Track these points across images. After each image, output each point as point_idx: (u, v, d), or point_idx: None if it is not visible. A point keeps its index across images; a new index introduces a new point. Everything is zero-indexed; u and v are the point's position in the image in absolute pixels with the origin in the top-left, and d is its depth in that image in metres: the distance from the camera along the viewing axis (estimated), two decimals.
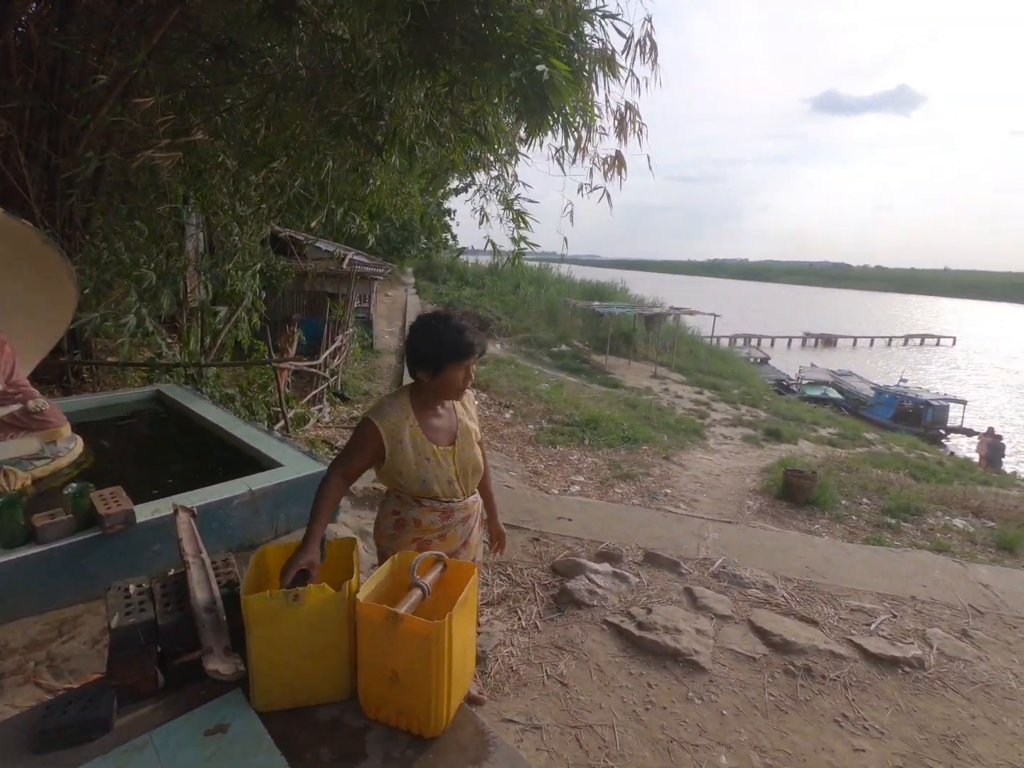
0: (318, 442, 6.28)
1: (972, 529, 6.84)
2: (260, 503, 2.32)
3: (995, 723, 2.18)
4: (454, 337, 1.67)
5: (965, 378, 29.87)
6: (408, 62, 2.60)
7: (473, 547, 1.91)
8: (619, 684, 2.28)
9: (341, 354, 9.89)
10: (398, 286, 27.61)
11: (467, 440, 1.80)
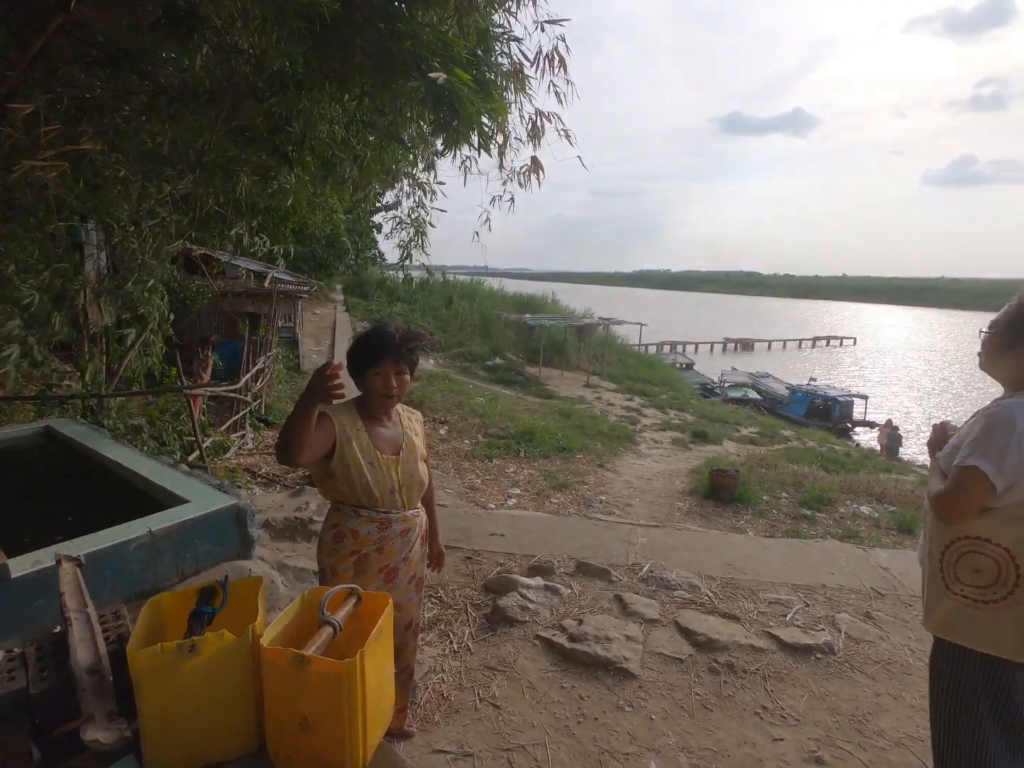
0: (239, 471, 5.94)
1: (877, 515, 7.41)
2: (162, 544, 2.15)
3: (896, 698, 2.35)
4: (371, 344, 1.76)
5: (866, 375, 32.58)
6: (315, 74, 2.55)
7: (415, 564, 1.88)
8: (551, 700, 2.27)
9: (264, 376, 9.45)
10: (327, 304, 26.82)
11: (412, 454, 1.84)
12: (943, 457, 1.62)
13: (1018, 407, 1.45)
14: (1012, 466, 1.41)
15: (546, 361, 17.68)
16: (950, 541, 1.55)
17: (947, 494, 1.49)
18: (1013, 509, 1.45)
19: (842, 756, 2.05)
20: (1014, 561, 1.46)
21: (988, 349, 1.58)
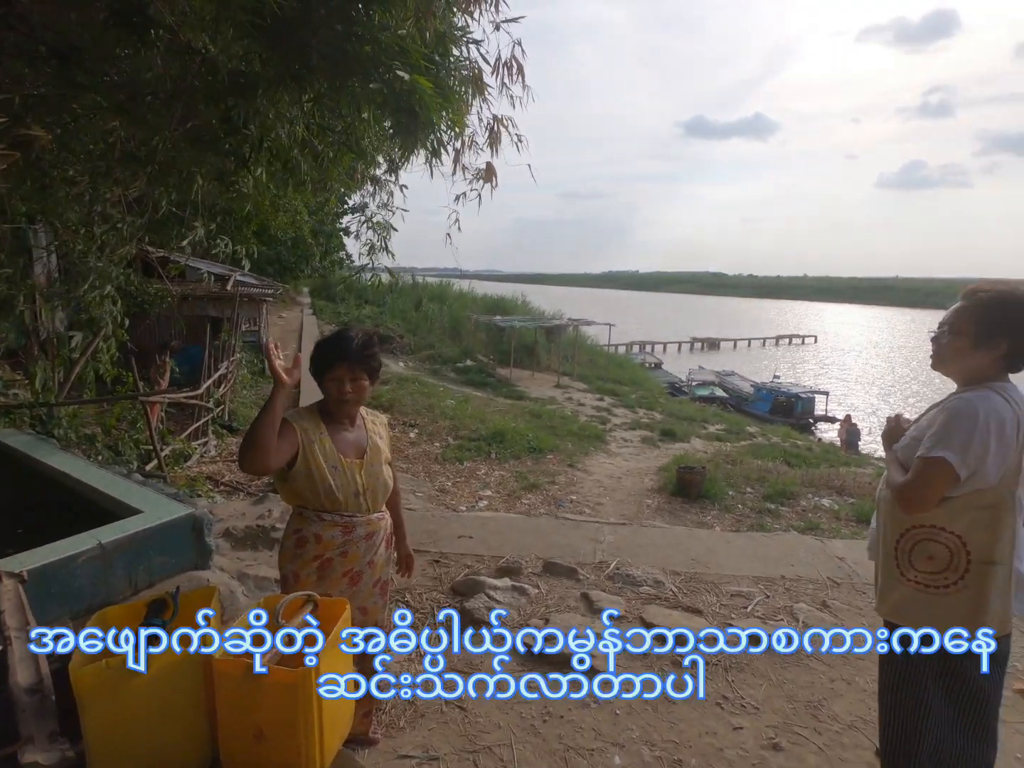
0: (201, 479, 5.79)
1: (837, 507, 7.67)
2: (114, 557, 2.08)
3: (849, 683, 2.44)
4: (327, 348, 1.76)
5: (827, 372, 33.64)
6: (272, 75, 2.50)
7: (380, 567, 1.88)
8: (518, 700, 2.29)
9: (227, 382, 9.22)
10: (293, 307, 26.32)
11: (376, 457, 1.84)
12: (901, 449, 1.67)
13: (979, 399, 1.50)
14: (974, 456, 1.46)
15: (517, 362, 17.72)
16: (905, 530, 1.61)
17: (912, 485, 1.53)
18: (968, 498, 1.51)
19: (798, 741, 2.12)
20: (965, 547, 1.53)
21: (951, 350, 1.60)
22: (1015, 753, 2.08)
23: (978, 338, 1.55)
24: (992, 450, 1.46)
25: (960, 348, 1.58)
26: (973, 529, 1.52)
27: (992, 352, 1.54)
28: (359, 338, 1.78)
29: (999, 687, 1.62)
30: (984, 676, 1.57)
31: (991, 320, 1.53)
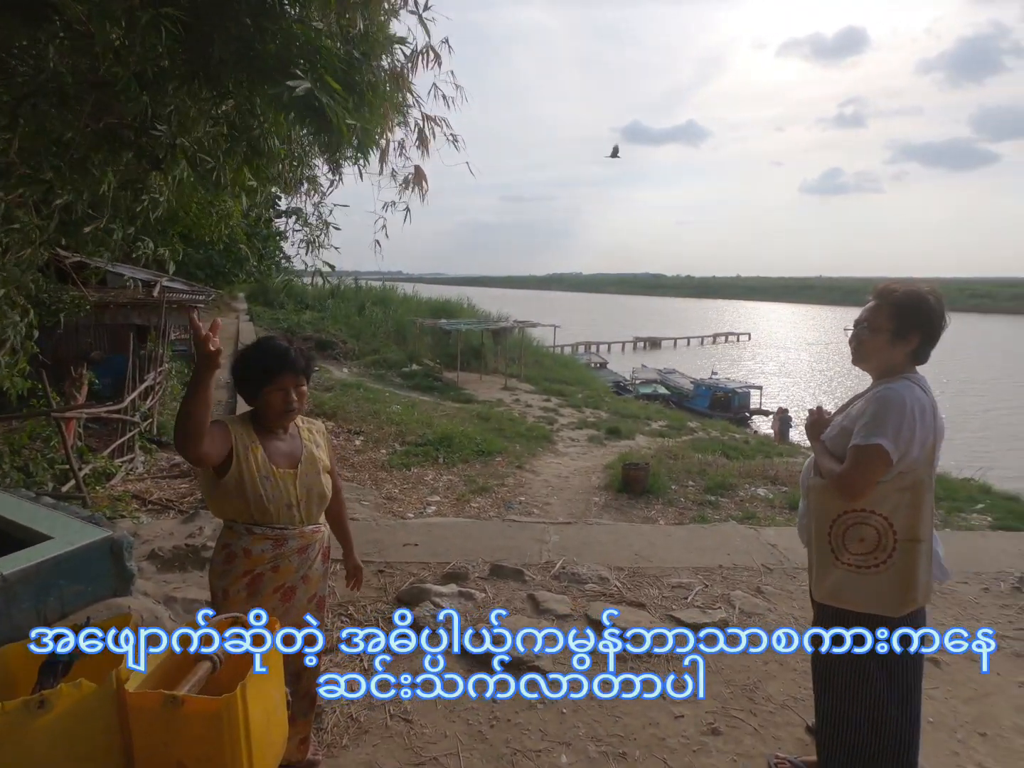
0: (126, 499, 5.44)
1: (771, 496, 8.06)
2: (18, 589, 1.90)
3: (782, 664, 2.56)
4: (265, 359, 1.69)
5: (760, 367, 35.36)
6: (183, 72, 2.37)
7: (315, 582, 1.80)
8: (465, 706, 2.26)
9: (155, 394, 8.71)
10: (228, 313, 25.15)
11: (312, 467, 1.78)
12: (830, 439, 1.76)
13: (903, 388, 1.62)
14: (904, 441, 1.57)
15: (463, 365, 17.65)
16: (837, 515, 1.70)
17: (851, 472, 1.62)
18: (894, 480, 1.62)
19: (736, 724, 2.20)
20: (892, 528, 1.63)
21: (869, 346, 1.71)
22: (928, 718, 2.23)
23: (895, 333, 1.66)
24: (917, 434, 1.58)
25: (880, 343, 1.69)
26: (898, 510, 1.63)
27: (907, 346, 1.67)
28: (296, 344, 1.76)
29: (919, 665, 1.73)
30: (912, 654, 1.68)
31: (906, 316, 1.65)
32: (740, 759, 2.04)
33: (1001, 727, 2.20)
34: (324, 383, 13.36)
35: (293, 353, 1.71)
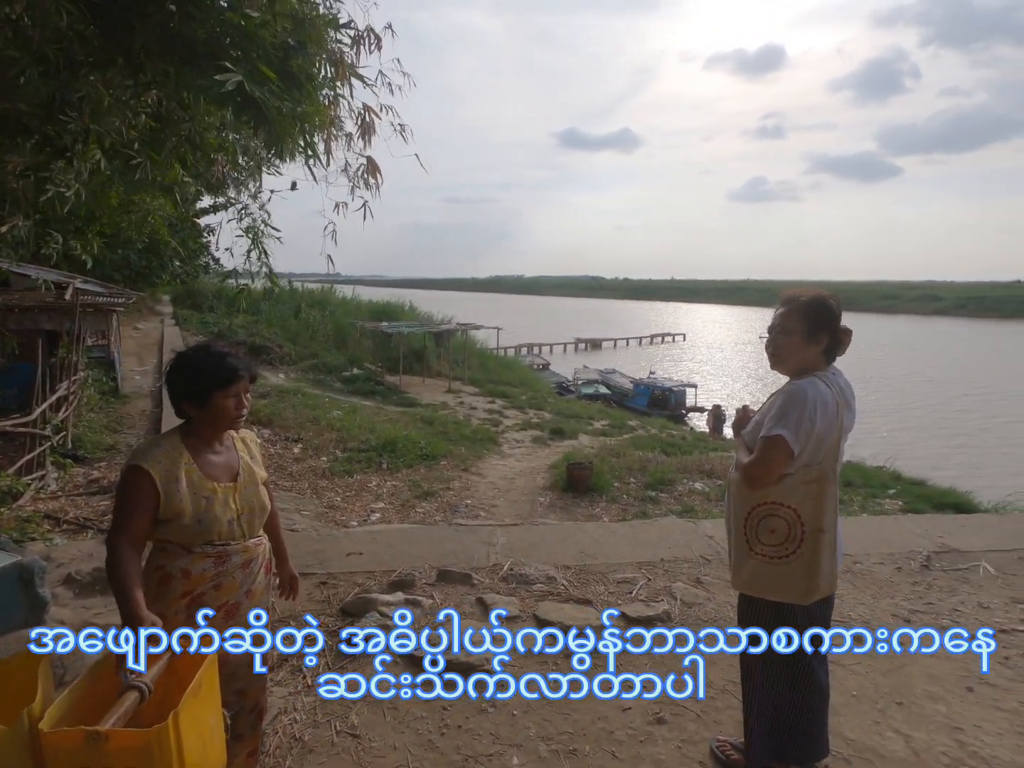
0: (37, 519, 5.00)
1: (708, 489, 8.40)
2: None
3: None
4: (216, 364, 1.62)
5: (695, 366, 36.88)
6: (100, 57, 2.20)
7: (258, 596, 1.73)
8: (414, 716, 2.23)
9: (69, 404, 8.06)
10: (151, 317, 23.66)
11: (250, 478, 1.74)
12: (747, 434, 1.87)
13: (808, 384, 1.73)
14: (804, 434, 1.67)
15: (406, 369, 17.38)
16: (752, 507, 1.80)
17: (756, 462, 1.72)
18: (801, 473, 1.73)
19: (679, 712, 2.28)
20: (800, 519, 1.74)
21: (785, 349, 1.81)
22: (851, 691, 2.41)
23: (807, 335, 1.78)
24: (817, 428, 1.69)
25: (794, 346, 1.81)
26: (805, 502, 1.74)
27: (818, 346, 1.79)
28: (243, 351, 1.74)
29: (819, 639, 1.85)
30: (805, 625, 1.80)
31: (815, 318, 1.78)
32: (684, 745, 2.11)
33: (916, 695, 2.39)
34: (259, 389, 12.80)
35: (243, 356, 1.70)
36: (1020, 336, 56.51)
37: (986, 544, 3.81)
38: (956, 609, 3.05)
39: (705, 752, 2.07)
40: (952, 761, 2.05)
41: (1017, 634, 2.82)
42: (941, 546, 3.78)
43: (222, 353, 1.65)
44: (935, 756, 2.08)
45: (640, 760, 2.04)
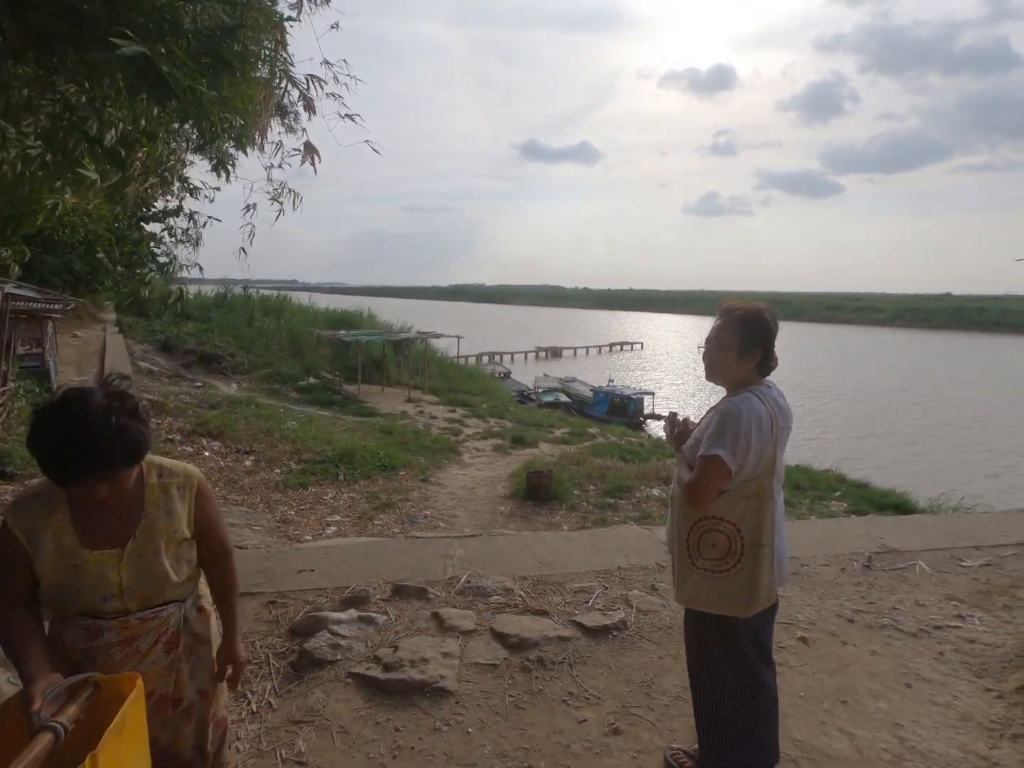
0: None
1: (664, 495, 8.55)
2: None
3: (675, 658, 2.69)
4: (47, 458, 1.25)
5: (653, 375, 37.68)
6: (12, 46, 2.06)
7: (156, 678, 1.44)
8: (365, 739, 2.15)
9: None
10: (92, 324, 22.51)
11: (150, 543, 1.41)
12: (688, 450, 1.88)
13: (743, 402, 1.75)
14: (740, 452, 1.70)
15: (365, 378, 17.09)
16: (693, 522, 1.82)
17: (696, 483, 1.74)
18: (739, 488, 1.76)
19: (635, 722, 2.28)
20: (740, 534, 1.77)
21: (721, 362, 1.84)
22: (799, 693, 2.47)
23: (741, 350, 1.80)
24: (753, 445, 1.71)
25: (728, 359, 1.83)
26: (744, 517, 1.77)
27: (751, 360, 1.82)
28: (116, 415, 1.26)
29: (764, 649, 1.91)
30: (752, 644, 1.85)
31: (749, 333, 1.80)
32: (640, 755, 2.11)
33: (859, 694, 2.47)
34: (210, 400, 12.34)
35: (103, 444, 1.23)
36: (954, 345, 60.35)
37: (922, 543, 4.00)
38: (895, 608, 3.18)
39: (659, 762, 2.08)
40: (893, 757, 2.12)
41: (950, 630, 2.96)
42: (881, 547, 3.95)
43: (63, 446, 1.22)
44: (877, 753, 2.15)
45: None
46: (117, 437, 1.25)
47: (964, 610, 3.14)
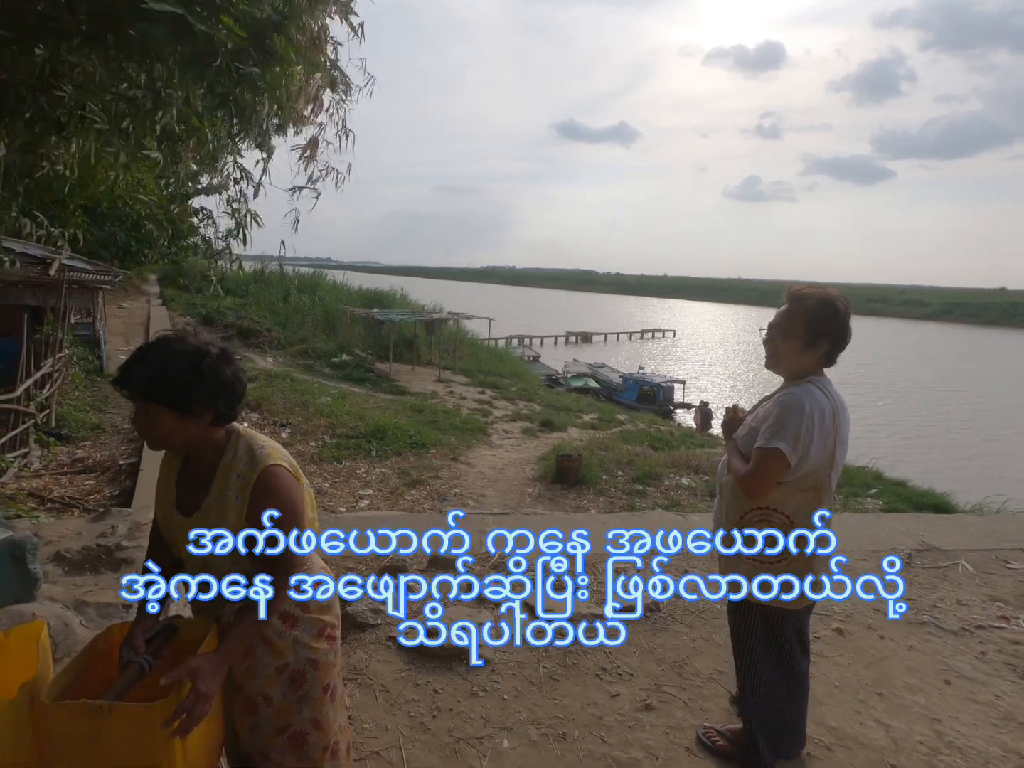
0: (20, 497, 4.94)
1: (694, 484, 8.49)
2: None
3: (708, 641, 2.72)
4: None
5: (684, 364, 37.09)
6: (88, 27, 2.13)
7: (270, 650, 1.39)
8: (406, 699, 2.25)
9: (53, 382, 7.94)
10: (137, 296, 23.34)
11: (209, 522, 1.35)
12: (741, 439, 1.84)
13: (805, 393, 1.70)
14: (803, 445, 1.66)
15: (396, 357, 17.30)
16: (744, 512, 1.79)
17: (753, 473, 1.70)
18: (797, 482, 1.72)
19: (667, 699, 2.32)
20: (793, 526, 1.75)
21: (783, 350, 1.77)
22: (833, 682, 2.47)
23: (807, 341, 1.74)
24: (815, 439, 1.67)
25: (792, 348, 1.76)
26: (800, 510, 1.74)
27: (817, 351, 1.75)
28: (164, 352, 1.27)
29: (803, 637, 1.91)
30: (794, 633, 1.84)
31: (817, 323, 1.73)
32: (672, 731, 2.15)
33: (895, 687, 2.45)
34: (248, 372, 12.70)
35: (132, 368, 1.26)
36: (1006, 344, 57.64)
37: (966, 543, 3.90)
38: (935, 605, 3.13)
39: (692, 739, 2.11)
40: (930, 750, 2.11)
41: (993, 630, 2.90)
42: (922, 544, 3.87)
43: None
44: (913, 745, 2.14)
45: (629, 745, 2.08)
46: (138, 367, 1.26)
47: (1009, 612, 3.07)
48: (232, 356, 1.39)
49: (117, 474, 6.27)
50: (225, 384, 1.32)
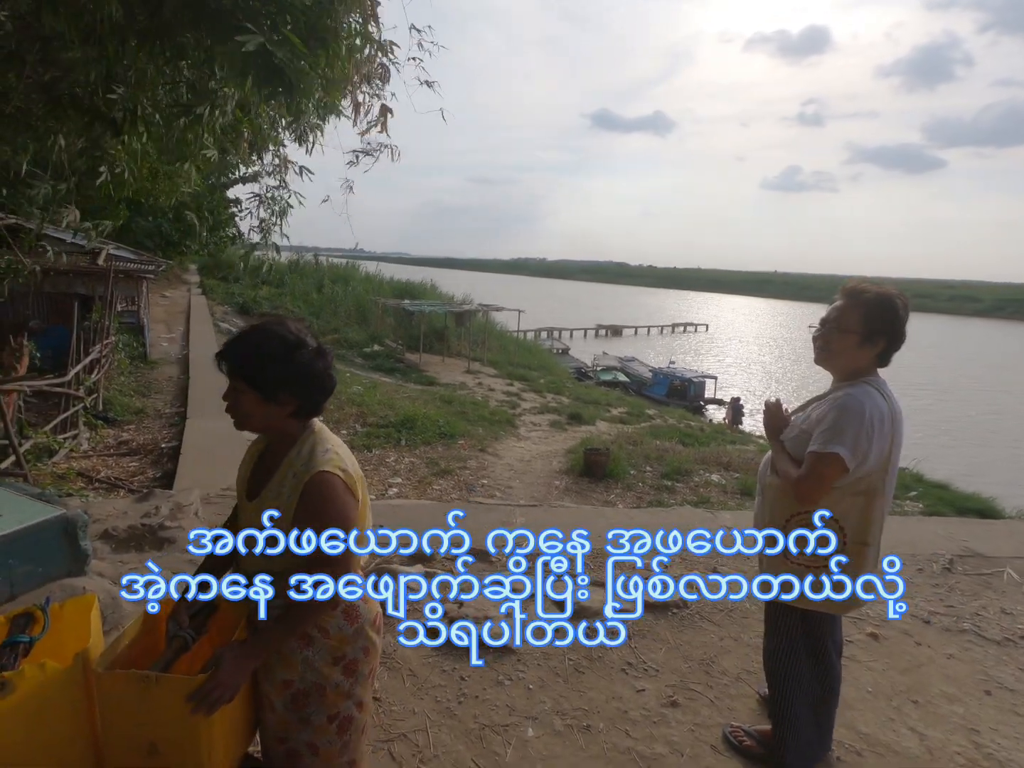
0: (71, 476, 5.20)
1: (724, 482, 8.36)
2: None
3: (736, 640, 2.69)
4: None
5: (716, 358, 36.38)
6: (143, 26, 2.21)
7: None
8: (433, 684, 2.29)
9: (101, 367, 8.28)
10: (179, 285, 24.10)
11: (264, 503, 1.36)
12: (790, 441, 1.75)
13: (863, 395, 1.62)
14: (862, 451, 1.58)
15: (427, 348, 17.48)
16: (792, 514, 1.73)
17: (808, 478, 1.63)
18: (850, 486, 1.65)
19: (693, 697, 2.31)
20: (843, 531, 1.68)
21: (837, 347, 1.69)
22: (866, 687, 2.41)
23: (864, 337, 1.65)
24: (874, 444, 1.60)
25: (848, 345, 1.68)
26: (849, 514, 1.67)
27: (873, 349, 1.67)
28: (261, 333, 1.30)
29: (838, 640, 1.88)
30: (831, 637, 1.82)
31: (876, 320, 1.65)
32: (697, 729, 2.14)
33: (931, 695, 2.38)
34: None
35: (232, 344, 1.31)
36: None
37: (1012, 550, 3.75)
38: (978, 613, 3.02)
39: (718, 737, 2.10)
40: (967, 761, 2.05)
41: None
42: (965, 550, 3.73)
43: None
44: (949, 755, 2.08)
45: (653, 740, 2.08)
46: (240, 347, 1.29)
47: None
48: (328, 353, 1.37)
49: (159, 457, 6.53)
50: (314, 377, 1.32)
